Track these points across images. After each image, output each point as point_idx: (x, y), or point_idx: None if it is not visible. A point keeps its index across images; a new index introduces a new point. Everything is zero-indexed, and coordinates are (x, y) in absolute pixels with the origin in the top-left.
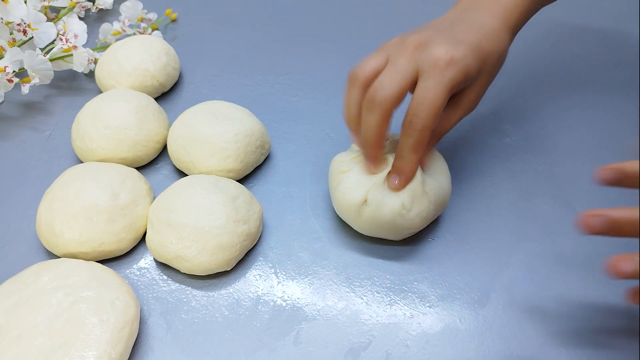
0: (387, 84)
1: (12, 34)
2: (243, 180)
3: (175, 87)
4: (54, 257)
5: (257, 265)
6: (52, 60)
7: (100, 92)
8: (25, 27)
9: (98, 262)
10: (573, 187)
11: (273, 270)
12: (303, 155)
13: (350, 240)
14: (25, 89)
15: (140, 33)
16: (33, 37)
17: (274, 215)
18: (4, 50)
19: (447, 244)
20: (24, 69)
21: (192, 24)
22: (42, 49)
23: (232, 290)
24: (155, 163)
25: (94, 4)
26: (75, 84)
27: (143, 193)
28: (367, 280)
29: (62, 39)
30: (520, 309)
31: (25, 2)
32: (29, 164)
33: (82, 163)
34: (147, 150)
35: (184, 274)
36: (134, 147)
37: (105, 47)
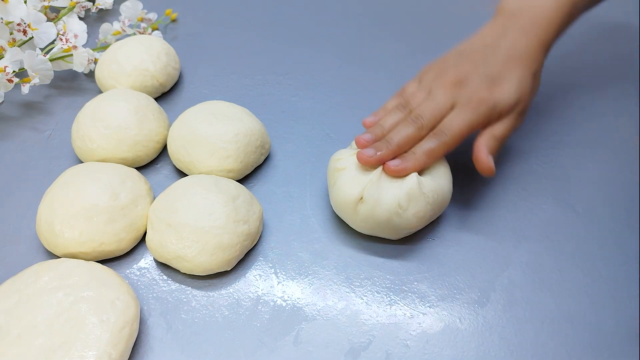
0: (427, 112)
1: (12, 34)
2: (243, 180)
3: (175, 87)
4: (54, 257)
5: (257, 265)
6: (52, 60)
7: (100, 92)
8: (25, 27)
9: (98, 262)
10: (573, 187)
11: (273, 270)
12: (303, 155)
13: (350, 240)
14: (25, 89)
15: (140, 33)
16: (33, 37)
17: (274, 215)
18: (4, 50)
19: (447, 244)
20: (24, 69)
21: (192, 24)
22: (42, 49)
23: (232, 290)
24: (155, 163)
25: (94, 4)
26: (75, 84)
27: (143, 193)
28: (367, 280)
29: (62, 39)
30: (520, 309)
31: (25, 2)
32: (29, 164)
33: (82, 163)
34: (147, 150)
35: (184, 274)
36: (134, 147)
37: (105, 47)
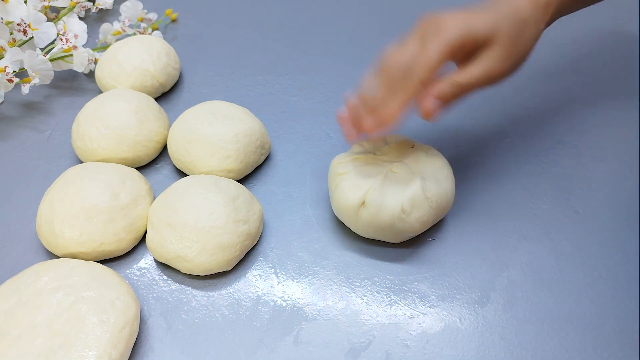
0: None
1: (12, 34)
2: (243, 180)
3: (175, 87)
4: (54, 257)
5: (257, 265)
6: (52, 60)
7: (101, 92)
8: (25, 27)
9: (98, 262)
10: (573, 187)
11: (273, 270)
12: (303, 155)
13: (351, 241)
14: (26, 89)
15: (140, 33)
16: (33, 37)
17: (274, 215)
18: (4, 50)
19: (447, 244)
20: (24, 69)
21: (192, 24)
22: (42, 49)
23: (232, 290)
24: (155, 163)
25: (94, 4)
26: (75, 84)
27: (143, 193)
28: (367, 281)
29: (62, 39)
30: (520, 309)
31: (25, 2)
32: (29, 164)
33: (82, 163)
34: (147, 150)
35: (184, 274)
36: (134, 147)
37: (106, 47)
